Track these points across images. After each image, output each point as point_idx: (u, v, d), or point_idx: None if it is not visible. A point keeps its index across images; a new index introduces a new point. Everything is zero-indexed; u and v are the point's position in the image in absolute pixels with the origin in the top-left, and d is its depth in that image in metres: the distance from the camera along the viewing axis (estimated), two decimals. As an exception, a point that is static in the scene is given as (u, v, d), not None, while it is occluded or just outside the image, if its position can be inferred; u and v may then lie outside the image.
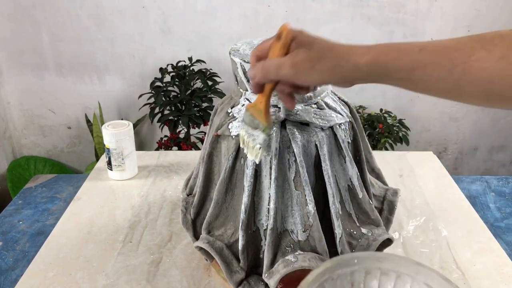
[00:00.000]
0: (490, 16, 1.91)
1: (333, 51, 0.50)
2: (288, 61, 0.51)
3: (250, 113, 0.59)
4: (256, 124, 0.59)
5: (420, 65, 0.46)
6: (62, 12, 1.91)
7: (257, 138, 0.59)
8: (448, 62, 0.45)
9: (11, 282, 0.81)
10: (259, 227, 0.68)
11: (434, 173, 1.09)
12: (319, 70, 0.50)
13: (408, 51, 0.47)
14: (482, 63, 0.43)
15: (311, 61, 0.50)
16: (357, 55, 0.49)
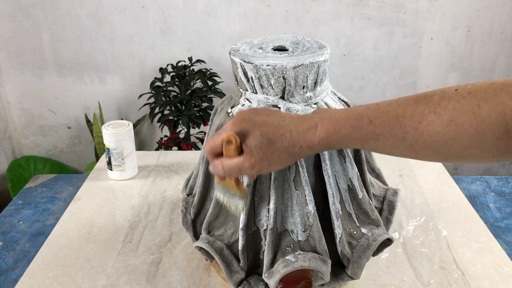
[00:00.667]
0: (490, 16, 1.91)
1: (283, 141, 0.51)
2: (246, 163, 0.52)
3: (222, 186, 0.62)
4: (232, 193, 0.62)
5: (373, 137, 0.47)
6: (62, 12, 1.91)
7: (236, 202, 0.63)
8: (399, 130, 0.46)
9: (11, 282, 0.81)
10: (259, 227, 0.68)
11: (434, 173, 1.09)
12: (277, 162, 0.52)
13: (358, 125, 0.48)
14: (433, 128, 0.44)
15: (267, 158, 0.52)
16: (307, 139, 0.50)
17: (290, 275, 0.65)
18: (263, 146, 0.51)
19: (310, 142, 0.50)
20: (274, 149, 0.51)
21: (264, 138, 0.51)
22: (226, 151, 0.54)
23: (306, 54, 0.68)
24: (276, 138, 0.51)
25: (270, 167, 0.52)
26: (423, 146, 0.45)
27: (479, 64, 2.01)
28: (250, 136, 0.52)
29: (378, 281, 0.76)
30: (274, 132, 0.52)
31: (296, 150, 0.51)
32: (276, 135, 0.51)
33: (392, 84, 2.04)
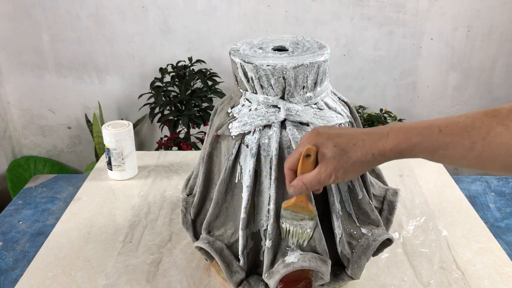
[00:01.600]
0: (490, 16, 1.91)
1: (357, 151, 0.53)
2: (323, 173, 0.55)
3: (291, 210, 0.64)
4: (300, 216, 0.64)
5: (442, 146, 0.49)
6: (62, 12, 1.91)
7: (305, 225, 0.64)
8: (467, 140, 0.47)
9: (11, 282, 0.81)
10: (259, 227, 0.68)
11: (434, 173, 1.09)
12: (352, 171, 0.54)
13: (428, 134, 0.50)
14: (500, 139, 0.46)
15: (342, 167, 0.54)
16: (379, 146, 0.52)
17: (290, 275, 0.65)
18: (337, 156, 0.54)
19: (382, 150, 0.52)
20: (348, 159, 0.53)
21: (338, 149, 0.54)
22: (304, 166, 0.57)
23: (306, 54, 0.68)
24: (350, 148, 0.53)
25: (346, 175, 0.55)
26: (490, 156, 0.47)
27: (479, 64, 2.01)
28: (324, 147, 0.55)
29: (378, 281, 0.76)
30: (347, 142, 0.54)
31: (369, 158, 0.53)
32: (349, 145, 0.54)
33: (392, 84, 2.04)
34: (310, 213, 0.63)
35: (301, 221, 0.64)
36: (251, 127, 0.66)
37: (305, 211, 0.63)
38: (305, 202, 0.63)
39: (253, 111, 0.67)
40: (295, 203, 0.63)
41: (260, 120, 0.66)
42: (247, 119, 0.67)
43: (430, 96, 2.08)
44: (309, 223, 0.64)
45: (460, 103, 2.09)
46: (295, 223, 0.65)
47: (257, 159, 0.66)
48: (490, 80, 2.04)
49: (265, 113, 0.66)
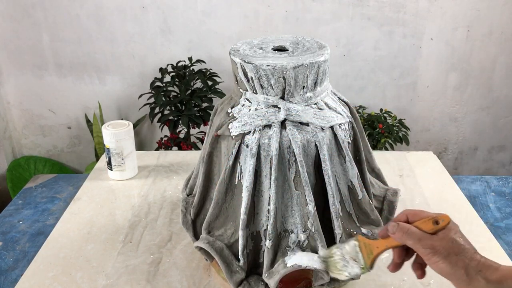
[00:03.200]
0: (490, 16, 1.91)
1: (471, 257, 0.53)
2: (429, 241, 0.54)
3: (358, 246, 0.61)
4: (358, 257, 0.60)
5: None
6: (62, 12, 1.91)
7: (350, 268, 0.60)
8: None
9: (11, 282, 0.81)
10: (259, 227, 0.68)
11: (434, 173, 1.09)
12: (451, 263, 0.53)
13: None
14: None
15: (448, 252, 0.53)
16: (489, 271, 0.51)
17: (290, 275, 0.65)
18: (455, 244, 0.53)
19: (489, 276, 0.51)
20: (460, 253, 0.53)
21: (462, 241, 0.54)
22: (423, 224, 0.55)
23: (306, 54, 0.68)
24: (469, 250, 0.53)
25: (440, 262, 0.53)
26: None
27: (479, 64, 2.01)
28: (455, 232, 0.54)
29: (378, 281, 0.76)
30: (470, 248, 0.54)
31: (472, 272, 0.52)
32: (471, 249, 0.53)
33: (392, 84, 2.04)
34: (368, 264, 0.59)
35: (352, 261, 0.60)
36: (251, 127, 0.66)
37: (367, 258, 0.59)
38: (379, 250, 0.59)
39: (253, 111, 0.67)
40: (370, 244, 0.59)
41: (260, 120, 0.66)
42: (247, 119, 0.67)
43: (430, 96, 2.08)
44: (355, 269, 0.60)
45: (460, 103, 2.09)
46: (346, 258, 0.61)
47: (257, 159, 0.66)
48: (490, 80, 2.04)
49: (265, 113, 0.66)
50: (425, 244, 0.54)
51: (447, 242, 0.53)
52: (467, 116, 2.12)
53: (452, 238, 0.53)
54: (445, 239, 0.53)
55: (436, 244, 0.53)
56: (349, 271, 0.60)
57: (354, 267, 0.60)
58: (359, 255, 0.60)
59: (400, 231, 0.56)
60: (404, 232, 0.55)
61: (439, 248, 0.53)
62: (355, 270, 0.60)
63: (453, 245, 0.53)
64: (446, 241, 0.53)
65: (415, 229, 0.55)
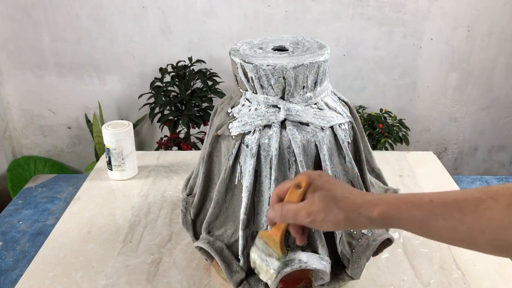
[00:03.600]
0: (490, 16, 1.91)
1: (345, 203, 0.52)
2: (304, 209, 0.53)
3: (264, 241, 0.61)
4: (270, 252, 0.61)
5: (431, 216, 0.48)
6: (62, 12, 1.91)
7: (271, 264, 0.61)
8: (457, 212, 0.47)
9: (11, 282, 0.81)
10: (259, 227, 0.68)
11: (434, 173, 1.09)
12: (332, 221, 0.52)
13: (418, 203, 0.49)
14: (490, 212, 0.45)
15: (325, 212, 0.52)
16: (369, 208, 0.51)
17: (290, 275, 0.65)
18: (325, 199, 0.52)
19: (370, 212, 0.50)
20: (334, 206, 0.52)
21: (330, 193, 0.53)
22: (291, 195, 0.55)
23: (306, 54, 0.68)
24: (341, 198, 0.52)
25: (324, 223, 0.53)
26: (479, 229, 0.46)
27: (479, 64, 2.01)
28: (318, 185, 0.54)
29: (378, 281, 0.76)
30: (341, 193, 0.53)
31: (354, 216, 0.51)
32: (341, 196, 0.53)
33: (392, 84, 2.04)
34: (279, 252, 0.60)
35: (268, 257, 0.61)
36: (251, 127, 0.66)
37: (275, 248, 0.60)
38: (278, 237, 0.59)
39: (253, 111, 0.67)
40: (270, 235, 0.60)
41: (260, 120, 0.66)
42: (247, 119, 0.67)
43: (430, 96, 2.08)
44: (275, 263, 0.61)
45: (460, 103, 2.09)
46: (263, 257, 0.62)
47: (257, 159, 0.66)
48: (490, 80, 2.04)
49: (265, 113, 0.66)
50: (302, 216, 0.53)
51: (319, 202, 0.52)
52: (467, 116, 2.12)
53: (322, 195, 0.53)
54: (315, 200, 0.53)
55: (310, 209, 0.53)
56: (272, 268, 0.61)
57: (274, 262, 0.61)
58: (269, 249, 0.61)
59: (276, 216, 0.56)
60: (279, 214, 0.55)
61: (314, 212, 0.52)
62: (275, 264, 0.61)
63: (325, 202, 0.52)
64: (317, 202, 0.52)
65: (287, 206, 0.55)
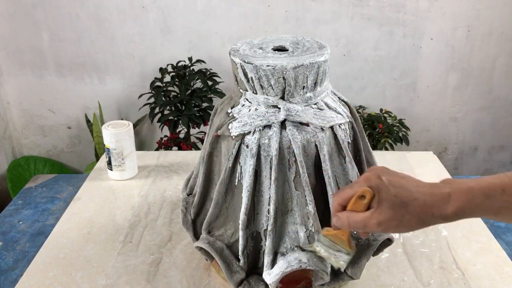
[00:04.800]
0: (490, 16, 1.91)
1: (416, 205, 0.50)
2: (373, 219, 0.51)
3: (330, 239, 0.61)
4: (338, 248, 0.61)
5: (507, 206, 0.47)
6: (62, 12, 1.91)
7: (340, 257, 0.61)
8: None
9: (11, 282, 0.81)
10: (259, 228, 0.68)
11: (434, 173, 1.09)
12: (406, 226, 0.51)
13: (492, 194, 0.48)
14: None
15: (396, 219, 0.50)
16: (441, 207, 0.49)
17: (290, 275, 0.65)
18: (395, 207, 0.50)
19: (444, 212, 0.49)
20: (406, 212, 0.50)
21: (398, 199, 0.50)
22: (355, 205, 0.53)
23: (306, 54, 0.68)
24: (410, 201, 0.50)
25: (397, 228, 0.51)
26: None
27: (479, 64, 2.01)
28: (384, 194, 0.51)
29: (378, 281, 0.76)
30: (408, 195, 0.50)
31: (428, 217, 0.50)
32: (410, 198, 0.50)
33: (392, 84, 2.04)
34: (349, 249, 0.60)
35: (337, 252, 0.61)
36: (251, 127, 0.66)
37: (344, 245, 0.60)
38: (346, 237, 0.60)
39: (253, 111, 0.67)
40: (336, 235, 0.60)
41: (260, 120, 0.66)
42: (247, 119, 0.67)
43: (430, 96, 2.08)
44: (344, 256, 0.61)
45: (460, 103, 2.09)
46: (330, 251, 0.62)
47: (257, 159, 0.66)
48: (490, 80, 2.04)
49: (265, 113, 0.66)
50: (373, 226, 0.51)
51: (388, 211, 0.50)
52: (467, 116, 2.12)
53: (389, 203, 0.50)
54: (383, 209, 0.50)
55: (380, 219, 0.51)
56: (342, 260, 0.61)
57: (343, 256, 0.61)
58: (337, 246, 0.61)
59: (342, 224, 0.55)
60: (346, 225, 0.54)
61: (385, 222, 0.50)
62: (345, 257, 0.61)
63: (395, 211, 0.50)
64: (386, 211, 0.50)
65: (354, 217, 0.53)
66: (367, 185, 0.52)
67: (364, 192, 0.52)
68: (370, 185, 0.52)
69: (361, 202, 0.53)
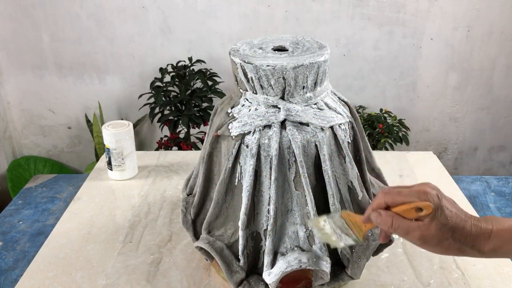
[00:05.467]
0: (490, 16, 1.91)
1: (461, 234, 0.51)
2: (417, 231, 0.52)
3: (346, 222, 0.61)
4: (348, 232, 0.61)
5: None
6: (62, 12, 1.91)
7: (344, 239, 0.61)
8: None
9: (11, 282, 0.81)
10: (259, 228, 0.68)
11: (434, 173, 1.09)
12: (445, 248, 0.51)
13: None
14: None
15: (439, 239, 0.51)
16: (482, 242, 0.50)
17: (290, 275, 0.65)
18: (444, 229, 0.51)
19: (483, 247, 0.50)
20: (451, 236, 0.51)
21: (450, 222, 0.51)
22: (407, 212, 0.53)
23: (306, 54, 0.68)
24: (459, 227, 0.51)
25: (434, 247, 0.52)
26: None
27: (479, 64, 2.01)
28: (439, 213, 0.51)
29: (378, 281, 0.76)
30: (459, 222, 0.51)
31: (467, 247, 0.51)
32: (460, 225, 0.51)
33: (392, 84, 2.04)
34: (359, 238, 0.60)
35: (344, 234, 0.61)
36: (251, 127, 0.66)
37: (358, 233, 0.60)
38: (366, 228, 0.59)
39: (253, 111, 0.67)
40: (357, 222, 0.60)
41: (260, 120, 0.66)
42: (247, 119, 0.67)
43: (430, 96, 2.08)
44: (349, 240, 0.61)
45: (460, 103, 2.09)
46: (338, 232, 0.61)
47: (257, 159, 0.66)
48: (490, 80, 2.04)
49: (265, 113, 0.66)
50: (414, 236, 0.52)
51: (435, 230, 0.51)
52: (467, 116, 2.12)
53: (440, 223, 0.51)
54: (432, 226, 0.51)
55: (425, 234, 0.51)
56: (344, 242, 0.61)
57: (348, 239, 0.61)
58: (349, 230, 0.61)
59: (383, 224, 0.54)
60: (388, 225, 0.53)
61: (428, 237, 0.51)
62: (350, 241, 0.61)
63: (442, 231, 0.50)
64: (434, 229, 0.51)
65: (400, 221, 0.52)
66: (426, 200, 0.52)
67: (425, 207, 0.52)
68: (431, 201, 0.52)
69: (414, 212, 0.52)
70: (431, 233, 0.51)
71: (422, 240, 0.51)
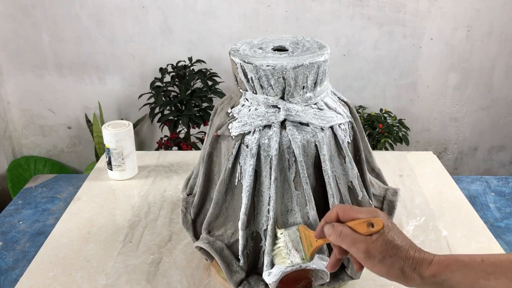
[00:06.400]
0: (490, 16, 1.91)
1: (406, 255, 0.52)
2: (364, 243, 0.53)
3: (299, 236, 0.62)
4: (299, 247, 0.62)
5: (483, 276, 0.49)
6: (62, 12, 1.91)
7: (292, 256, 0.62)
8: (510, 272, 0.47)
9: (11, 282, 0.81)
10: (259, 228, 0.68)
11: (434, 173, 1.09)
12: (387, 266, 0.52)
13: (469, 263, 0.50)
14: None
15: (383, 255, 0.52)
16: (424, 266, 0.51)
17: (290, 275, 0.65)
18: (389, 245, 0.52)
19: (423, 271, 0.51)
20: (394, 254, 0.52)
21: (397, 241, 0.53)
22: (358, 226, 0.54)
23: (306, 54, 0.68)
24: (403, 248, 0.52)
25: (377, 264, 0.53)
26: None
27: (479, 64, 2.01)
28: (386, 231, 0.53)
29: (378, 281, 0.76)
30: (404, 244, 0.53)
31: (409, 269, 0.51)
32: (404, 247, 0.52)
33: (392, 84, 2.04)
34: (307, 255, 0.61)
35: (293, 250, 0.62)
36: (251, 127, 0.66)
37: (307, 249, 0.61)
38: (317, 245, 0.60)
39: (253, 111, 0.67)
40: (310, 236, 0.61)
41: (260, 120, 0.66)
42: (247, 119, 0.67)
43: (430, 96, 2.08)
44: (295, 259, 0.62)
45: (460, 103, 2.09)
46: (289, 246, 0.62)
47: (257, 159, 0.66)
48: (490, 80, 2.04)
49: (265, 113, 0.66)
50: (359, 248, 0.53)
51: (381, 245, 0.52)
52: (467, 116, 2.12)
53: (387, 240, 0.52)
54: (379, 241, 0.52)
55: (370, 247, 0.52)
56: (291, 260, 0.62)
57: (296, 257, 0.62)
58: (300, 245, 0.62)
59: (334, 233, 0.55)
60: (337, 235, 0.54)
61: (373, 251, 0.52)
62: (297, 260, 0.62)
63: (387, 247, 0.52)
64: (380, 244, 0.52)
65: (349, 232, 0.54)
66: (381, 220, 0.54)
67: (376, 222, 0.53)
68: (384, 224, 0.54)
69: (366, 227, 0.54)
70: (376, 247, 0.52)
71: (367, 253, 0.52)
